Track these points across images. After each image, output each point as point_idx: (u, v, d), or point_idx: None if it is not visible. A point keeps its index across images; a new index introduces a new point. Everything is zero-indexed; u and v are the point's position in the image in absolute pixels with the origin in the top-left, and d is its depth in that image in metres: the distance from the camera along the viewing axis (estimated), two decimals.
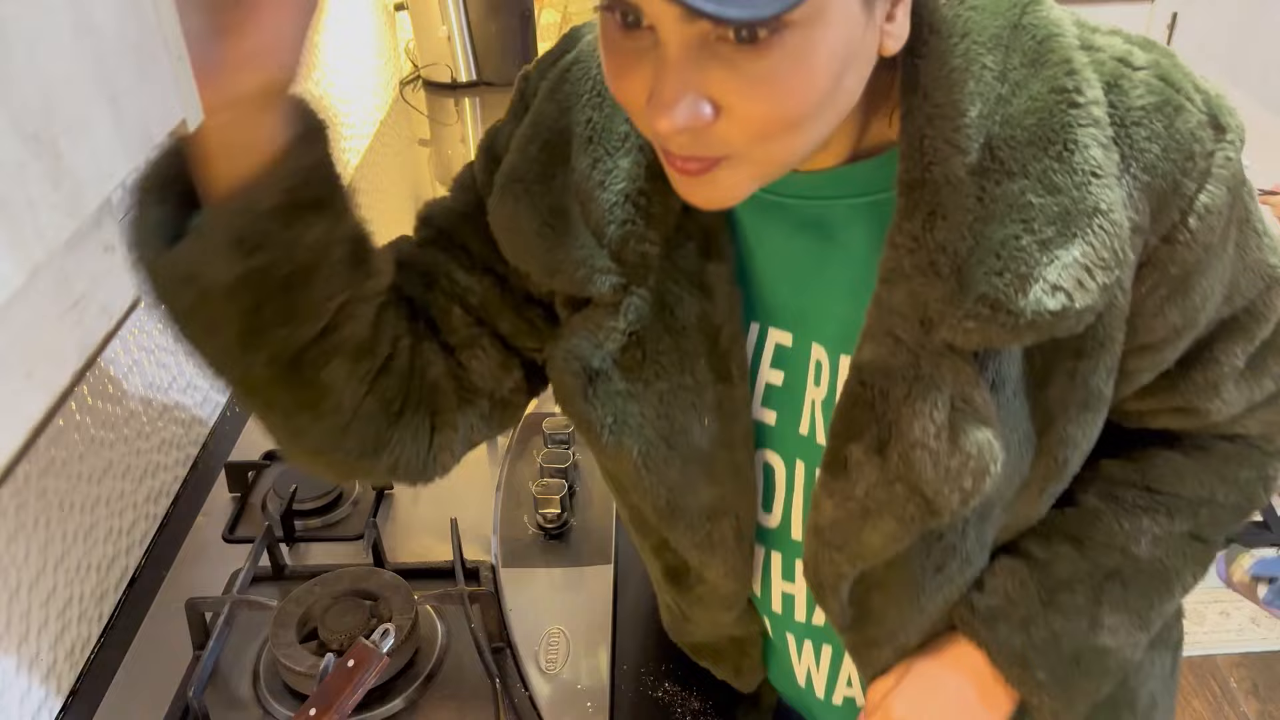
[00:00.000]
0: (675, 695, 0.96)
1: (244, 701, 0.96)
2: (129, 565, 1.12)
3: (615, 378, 0.70)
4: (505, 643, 0.99)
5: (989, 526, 0.72)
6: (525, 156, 0.69)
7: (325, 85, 1.86)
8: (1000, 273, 0.58)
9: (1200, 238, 0.60)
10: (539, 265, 0.69)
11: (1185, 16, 3.20)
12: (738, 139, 0.54)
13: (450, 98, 2.33)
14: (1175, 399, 0.71)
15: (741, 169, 0.56)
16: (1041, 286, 0.57)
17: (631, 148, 0.67)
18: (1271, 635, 2.23)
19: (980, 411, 0.62)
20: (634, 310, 0.68)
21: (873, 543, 0.68)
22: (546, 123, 0.69)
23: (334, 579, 1.02)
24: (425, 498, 1.20)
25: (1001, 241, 0.58)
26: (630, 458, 0.71)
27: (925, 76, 0.59)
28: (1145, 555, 0.74)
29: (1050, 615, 0.74)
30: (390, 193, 1.96)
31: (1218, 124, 0.60)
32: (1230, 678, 2.14)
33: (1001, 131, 0.58)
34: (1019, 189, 0.58)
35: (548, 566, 1.08)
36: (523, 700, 0.94)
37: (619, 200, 0.66)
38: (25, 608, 0.93)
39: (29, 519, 0.95)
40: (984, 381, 0.62)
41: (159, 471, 1.19)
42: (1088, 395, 0.65)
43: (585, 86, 0.69)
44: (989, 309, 0.58)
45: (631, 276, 0.68)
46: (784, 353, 0.71)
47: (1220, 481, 0.76)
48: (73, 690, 1.00)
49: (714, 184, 0.57)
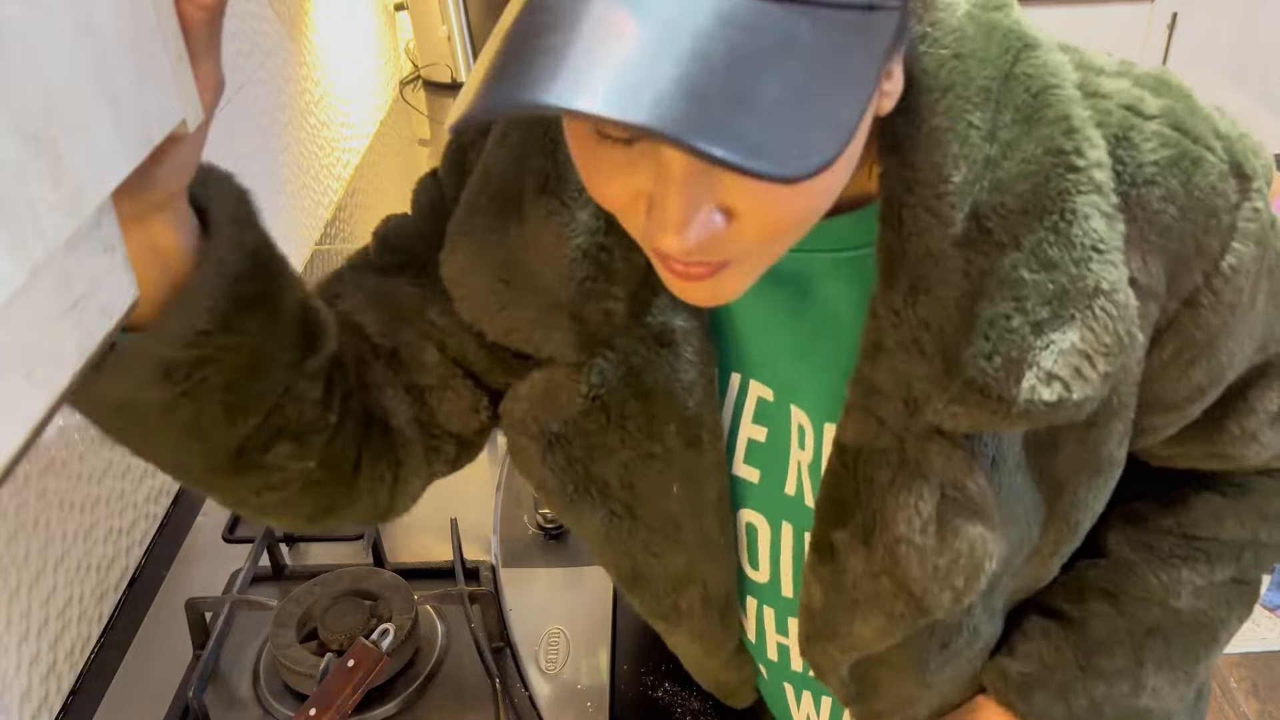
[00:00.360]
0: (675, 695, 0.96)
1: (244, 701, 0.96)
2: (129, 565, 1.11)
3: (575, 443, 0.64)
4: (505, 643, 0.99)
5: (997, 596, 0.67)
6: (474, 207, 0.63)
7: (325, 85, 1.86)
8: (990, 356, 0.52)
9: (1226, 299, 0.55)
10: (492, 324, 0.63)
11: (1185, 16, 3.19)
12: (750, 240, 0.48)
13: (450, 98, 2.33)
14: (1208, 447, 0.66)
15: (747, 267, 0.50)
16: (1036, 374, 0.52)
17: (589, 200, 0.59)
18: (1271, 635, 2.23)
19: (974, 501, 0.57)
20: (598, 373, 0.62)
21: (864, 635, 0.64)
22: (497, 169, 0.62)
23: (334, 579, 1.02)
24: (425, 498, 1.19)
25: (990, 321, 0.52)
26: (592, 525, 0.67)
27: (904, 137, 0.52)
28: (1187, 608, 0.69)
29: (1090, 681, 0.69)
30: (390, 193, 1.96)
31: (1241, 172, 0.54)
32: (1230, 678, 2.14)
33: (990, 199, 0.52)
34: (1010, 263, 0.52)
35: (548, 566, 1.08)
36: (523, 700, 0.94)
37: (577, 256, 0.59)
38: (25, 608, 0.93)
39: (29, 519, 0.95)
40: (980, 464, 0.57)
41: (159, 471, 1.19)
42: (1099, 462, 0.60)
43: (538, 131, 0.61)
44: (978, 394, 0.53)
45: (594, 337, 0.62)
46: (766, 407, 0.65)
47: (1262, 520, 0.69)
48: (73, 690, 0.99)
49: (718, 285, 0.50)
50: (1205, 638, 0.70)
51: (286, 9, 1.68)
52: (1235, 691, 2.11)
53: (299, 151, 1.71)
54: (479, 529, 1.13)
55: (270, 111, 1.59)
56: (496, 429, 0.71)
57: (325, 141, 1.85)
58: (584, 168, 0.49)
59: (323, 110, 1.84)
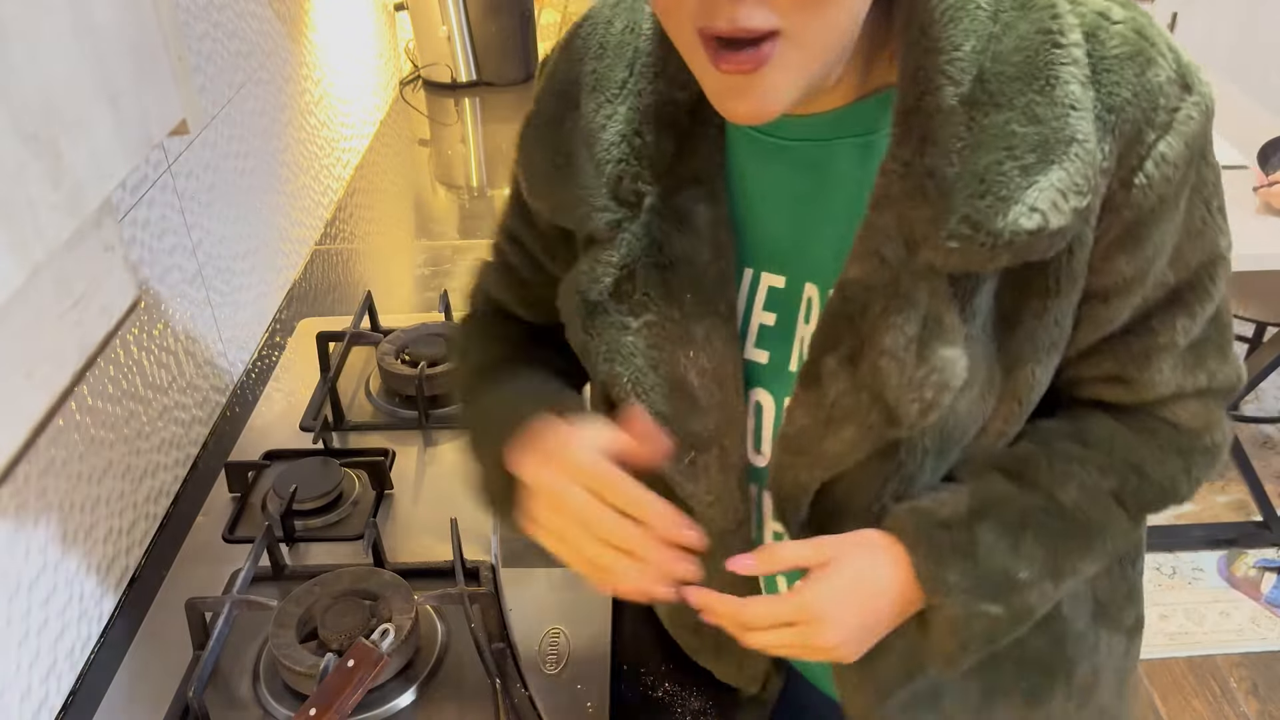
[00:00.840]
0: (675, 695, 0.96)
1: (244, 701, 0.96)
2: (129, 565, 1.12)
3: (610, 309, 0.75)
4: (505, 643, 0.99)
5: (945, 464, 0.74)
6: (541, 105, 0.77)
7: (325, 85, 1.86)
8: (983, 195, 0.62)
9: (1156, 187, 0.64)
10: (548, 202, 0.76)
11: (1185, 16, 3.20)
12: (789, 16, 0.57)
13: (450, 98, 2.33)
14: (1111, 365, 0.73)
15: (788, 56, 0.59)
16: (1019, 209, 0.62)
17: (629, 94, 0.73)
18: (1271, 635, 2.23)
19: (949, 332, 0.66)
20: (626, 245, 0.73)
21: (833, 449, 0.70)
22: (559, 74, 0.77)
23: (334, 579, 1.02)
24: (425, 498, 1.20)
25: (986, 167, 0.62)
26: (621, 384, 0.75)
27: (923, 14, 0.63)
28: (1069, 503, 0.74)
29: (974, 523, 0.73)
30: (390, 193, 1.96)
31: (1185, 83, 0.64)
32: (1230, 678, 2.14)
33: (992, 66, 0.63)
34: (1004, 119, 0.62)
35: (548, 566, 1.08)
36: (523, 700, 0.94)
37: (616, 141, 0.72)
38: (25, 608, 0.93)
39: (29, 519, 0.95)
40: (955, 307, 0.66)
41: (159, 471, 1.19)
42: (1059, 336, 0.69)
43: (592, 41, 0.75)
44: (970, 229, 0.62)
45: (626, 213, 0.73)
46: (777, 295, 0.75)
47: (1150, 455, 0.76)
48: (73, 690, 1.00)
49: (763, 85, 0.60)
50: (1080, 537, 0.75)
51: (286, 9, 1.68)
52: (1235, 691, 2.11)
53: (299, 151, 1.72)
54: (479, 529, 1.13)
55: (270, 111, 1.59)
56: None
57: (325, 141, 1.85)
58: None
59: (323, 110, 1.85)
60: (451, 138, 2.19)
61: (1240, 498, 2.53)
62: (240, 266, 1.45)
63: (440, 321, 1.44)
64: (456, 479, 1.22)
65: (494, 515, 0.83)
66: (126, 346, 1.14)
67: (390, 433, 1.30)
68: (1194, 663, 2.16)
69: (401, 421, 1.31)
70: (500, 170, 2.04)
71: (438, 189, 1.99)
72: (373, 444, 1.27)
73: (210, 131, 1.36)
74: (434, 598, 1.01)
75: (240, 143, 1.46)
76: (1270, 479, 2.57)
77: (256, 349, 1.49)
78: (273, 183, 1.59)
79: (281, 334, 1.52)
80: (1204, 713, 2.07)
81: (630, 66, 0.73)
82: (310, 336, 1.43)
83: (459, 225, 1.84)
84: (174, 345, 1.25)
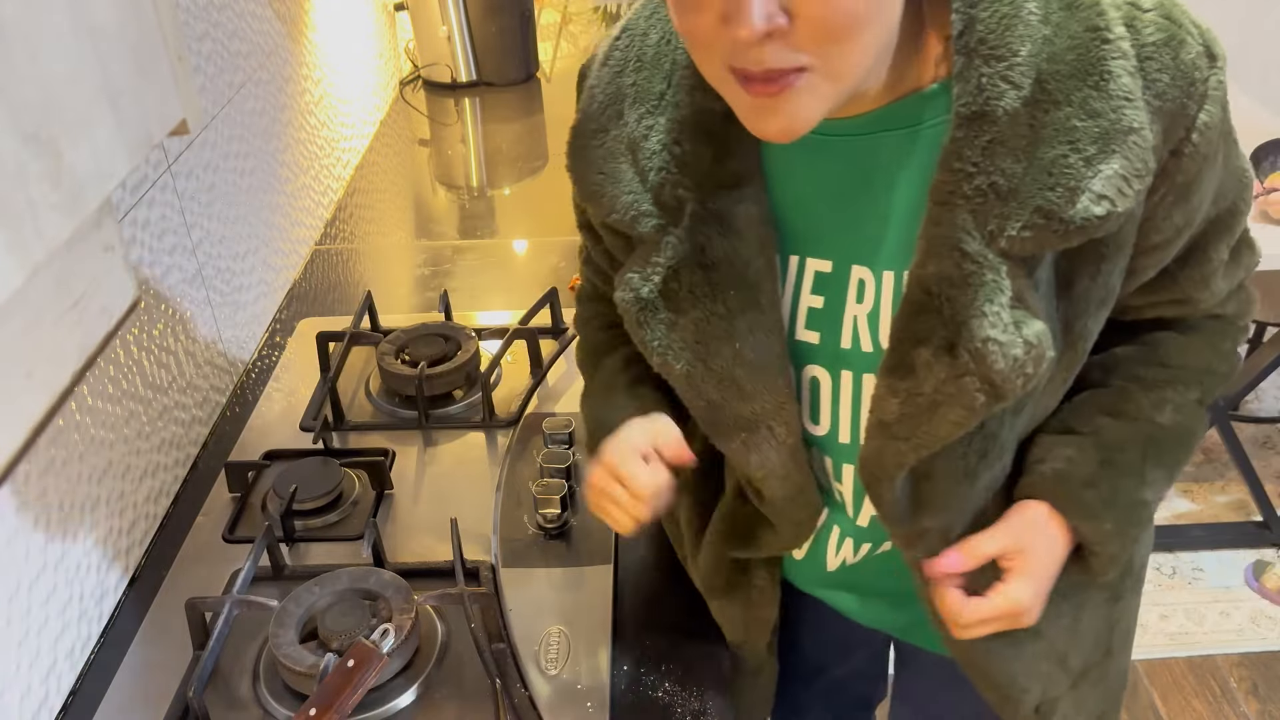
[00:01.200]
0: (675, 695, 0.96)
1: (244, 701, 0.96)
2: (129, 565, 1.12)
3: (660, 306, 0.81)
4: (505, 643, 0.99)
5: (1021, 419, 0.82)
6: (587, 116, 0.82)
7: (325, 85, 1.86)
8: (1052, 187, 0.67)
9: (1201, 150, 0.71)
10: (597, 206, 0.81)
11: None
12: (810, 42, 0.61)
13: (450, 98, 2.33)
14: (1174, 292, 0.82)
15: (816, 85, 0.63)
16: (1088, 196, 0.67)
17: (667, 105, 0.78)
18: (1271, 635, 2.23)
19: (1034, 308, 0.71)
20: (671, 248, 0.79)
21: (939, 431, 0.76)
22: (602, 86, 0.81)
23: (334, 579, 1.02)
24: (425, 498, 1.20)
25: (1052, 161, 0.67)
26: (676, 375, 0.83)
27: (980, 23, 0.68)
28: (1169, 423, 0.86)
29: (1108, 473, 0.84)
30: (390, 192, 1.96)
31: (1211, 53, 0.70)
32: (1230, 678, 2.14)
33: (1048, 67, 0.67)
34: (1065, 115, 0.67)
35: (548, 566, 1.08)
36: (523, 700, 0.94)
37: (658, 150, 0.77)
38: (25, 607, 0.93)
39: (29, 519, 0.95)
40: (1030, 284, 0.71)
41: (159, 471, 1.19)
42: (1106, 293, 0.76)
43: (630, 53, 0.80)
44: (1043, 218, 0.68)
45: (669, 218, 0.78)
46: (824, 279, 0.79)
47: (1214, 353, 0.88)
48: (73, 690, 1.00)
49: (791, 105, 0.64)
50: (1184, 445, 0.87)
51: (286, 9, 1.68)
52: (1235, 691, 2.11)
53: (299, 151, 1.72)
54: (479, 529, 1.13)
55: (270, 111, 1.59)
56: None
57: (325, 141, 1.85)
58: (674, 3, 0.64)
59: (323, 110, 1.85)
60: (451, 138, 2.19)
61: (1240, 498, 2.53)
62: (240, 266, 1.45)
63: (440, 321, 1.44)
64: (457, 479, 1.22)
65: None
66: (126, 346, 1.14)
67: (390, 433, 1.30)
68: (1194, 663, 2.16)
69: (401, 421, 1.31)
70: (500, 170, 2.04)
71: (438, 189, 1.99)
72: (373, 444, 1.27)
73: (210, 131, 1.36)
74: (434, 598, 1.01)
75: (240, 143, 1.46)
76: (1270, 479, 2.57)
77: (256, 349, 1.49)
78: (273, 183, 1.59)
79: (281, 334, 1.52)
80: (1204, 713, 2.07)
81: (668, 79, 0.78)
82: (310, 336, 1.43)
83: (459, 225, 1.84)
84: (174, 345, 1.25)
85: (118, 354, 1.12)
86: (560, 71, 2.45)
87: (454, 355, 1.35)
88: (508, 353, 1.38)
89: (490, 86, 2.33)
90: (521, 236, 1.78)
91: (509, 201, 1.93)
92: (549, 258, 1.69)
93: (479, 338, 1.39)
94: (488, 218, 1.87)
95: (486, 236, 1.80)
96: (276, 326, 1.55)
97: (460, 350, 1.36)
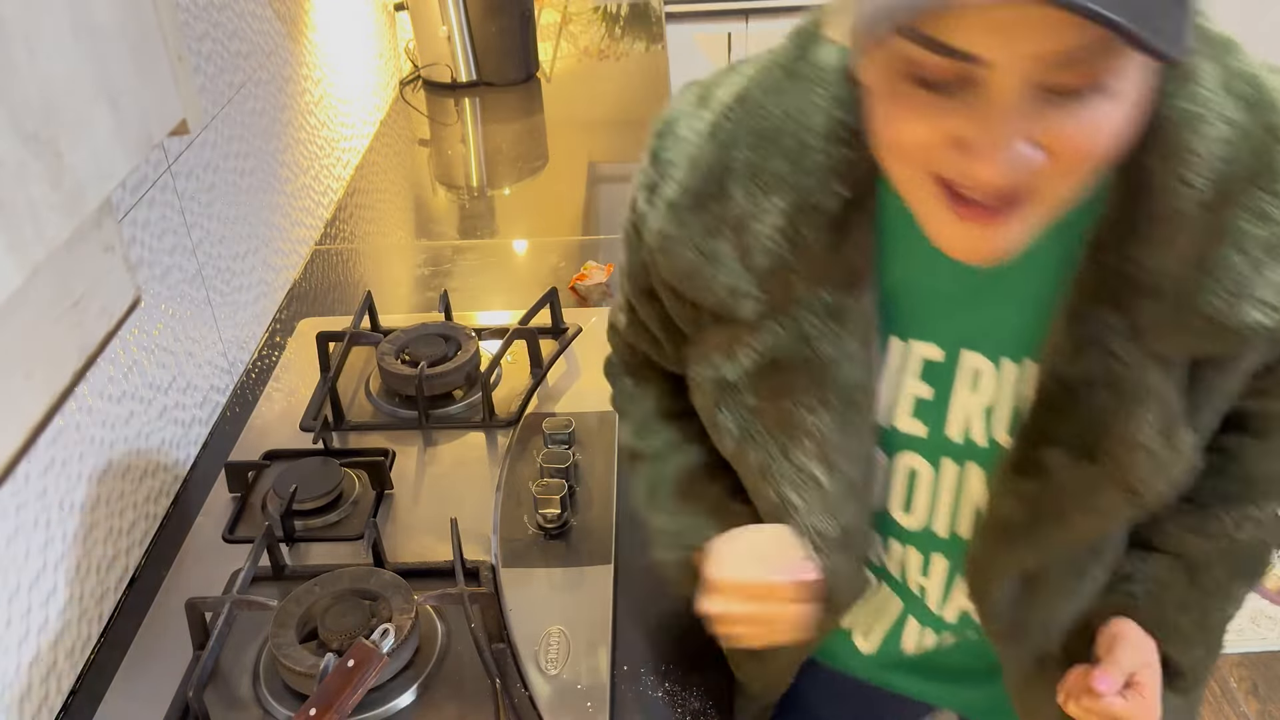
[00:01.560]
0: (675, 695, 0.96)
1: (244, 701, 0.96)
2: (129, 565, 1.12)
3: (745, 392, 0.76)
4: (505, 643, 0.99)
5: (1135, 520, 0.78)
6: (686, 188, 0.74)
7: (325, 85, 1.86)
8: (1216, 292, 0.63)
9: None
10: (690, 284, 0.75)
11: None
12: (1056, 175, 0.56)
13: (450, 98, 2.33)
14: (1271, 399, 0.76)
15: (1032, 214, 0.59)
16: (1251, 303, 0.63)
17: (787, 189, 0.70)
18: (1271, 635, 2.23)
19: (1183, 414, 0.68)
20: (772, 335, 0.73)
21: (1068, 536, 0.74)
22: (706, 159, 0.73)
23: (334, 579, 1.02)
24: (425, 498, 1.20)
25: (1218, 263, 0.63)
26: (748, 464, 0.78)
27: (1158, 121, 0.62)
28: (1250, 539, 0.82)
29: (1197, 595, 0.81)
30: (390, 192, 1.96)
31: None
32: (1230, 678, 2.14)
33: (1225, 169, 0.62)
34: (1234, 215, 0.63)
35: (548, 566, 1.08)
36: (523, 700, 0.94)
37: (772, 233, 0.70)
38: (25, 607, 0.93)
39: (29, 519, 0.95)
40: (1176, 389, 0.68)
41: (159, 471, 1.19)
42: (1232, 396, 0.72)
43: (744, 127, 0.72)
44: (1205, 323, 0.64)
45: (774, 304, 0.73)
46: (933, 367, 0.74)
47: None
48: (73, 690, 1.00)
49: (1006, 230, 0.59)
50: (1262, 558, 0.84)
51: (286, 9, 1.68)
52: (1235, 691, 2.11)
53: (299, 151, 1.72)
54: (479, 529, 1.13)
55: (270, 111, 1.59)
56: None
57: (325, 141, 1.85)
58: (886, 109, 0.58)
59: (323, 110, 1.85)
60: (451, 138, 2.19)
61: None
62: (240, 266, 1.45)
63: (440, 321, 1.44)
64: (457, 479, 1.22)
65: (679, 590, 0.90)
66: (126, 346, 1.14)
67: (390, 433, 1.30)
68: None
69: (401, 421, 1.31)
70: (500, 170, 2.04)
71: (438, 189, 1.99)
72: (373, 444, 1.27)
73: (210, 131, 1.36)
74: (434, 598, 1.01)
75: (240, 143, 1.46)
76: None
77: (256, 349, 1.49)
78: (273, 183, 1.59)
79: (281, 334, 1.52)
80: (1204, 713, 2.07)
81: (793, 160, 0.69)
82: (310, 336, 1.43)
83: (459, 225, 1.84)
84: (174, 345, 1.25)
85: (118, 354, 1.12)
86: (560, 71, 2.45)
87: (454, 355, 1.35)
88: (508, 353, 1.38)
89: (490, 86, 2.32)
90: (521, 236, 1.78)
91: (509, 201, 1.93)
92: (549, 258, 1.69)
93: (479, 338, 1.39)
94: (488, 218, 1.87)
95: (486, 236, 1.80)
96: (276, 326, 1.55)
97: (460, 350, 1.36)
